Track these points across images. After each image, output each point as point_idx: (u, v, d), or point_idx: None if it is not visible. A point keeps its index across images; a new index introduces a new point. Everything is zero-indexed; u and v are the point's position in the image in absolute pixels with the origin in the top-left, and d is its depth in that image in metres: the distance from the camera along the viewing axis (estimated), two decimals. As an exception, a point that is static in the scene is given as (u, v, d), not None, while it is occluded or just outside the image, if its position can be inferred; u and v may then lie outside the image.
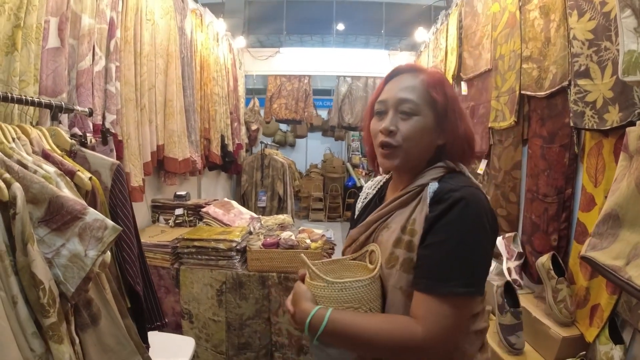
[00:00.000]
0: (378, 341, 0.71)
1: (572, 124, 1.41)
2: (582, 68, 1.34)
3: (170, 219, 2.39)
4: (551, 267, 1.49)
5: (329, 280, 0.77)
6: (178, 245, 2.05)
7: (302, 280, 0.85)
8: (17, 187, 0.81)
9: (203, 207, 2.43)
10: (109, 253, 0.91)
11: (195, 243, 2.01)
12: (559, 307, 1.42)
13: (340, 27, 7.74)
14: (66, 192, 0.87)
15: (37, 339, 0.81)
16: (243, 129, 4.15)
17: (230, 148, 3.57)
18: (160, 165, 2.41)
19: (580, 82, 1.35)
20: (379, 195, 1.00)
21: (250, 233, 2.25)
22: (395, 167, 0.85)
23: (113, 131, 1.79)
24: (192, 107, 2.73)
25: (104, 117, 1.77)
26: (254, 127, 4.33)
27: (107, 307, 0.99)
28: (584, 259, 0.91)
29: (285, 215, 2.79)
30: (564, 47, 1.50)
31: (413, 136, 0.81)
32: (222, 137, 3.39)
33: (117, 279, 1.07)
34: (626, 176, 0.85)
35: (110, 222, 0.84)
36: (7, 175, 0.83)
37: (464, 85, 2.63)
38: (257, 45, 7.66)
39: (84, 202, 0.87)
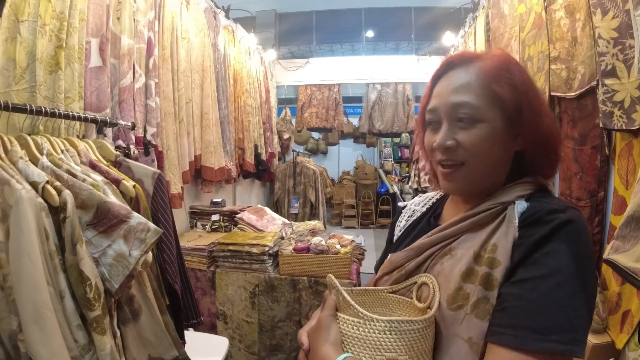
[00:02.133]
0: None
1: (601, 125, 1.39)
2: (609, 67, 1.32)
3: (207, 225, 2.51)
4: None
5: (367, 315, 0.56)
6: (214, 249, 2.16)
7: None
8: (67, 193, 0.91)
9: (237, 213, 2.53)
10: (150, 253, 0.99)
11: (230, 247, 2.11)
12: (592, 313, 1.39)
13: (370, 34, 7.80)
14: (112, 199, 0.97)
15: (81, 331, 0.88)
16: (275, 138, 4.27)
17: (264, 157, 3.69)
18: (198, 174, 2.54)
19: (608, 81, 1.33)
20: (433, 214, 0.79)
21: (282, 238, 2.32)
22: (462, 189, 0.67)
23: (154, 143, 1.92)
24: (226, 118, 2.86)
25: (145, 130, 1.90)
26: (286, 136, 4.44)
27: (147, 304, 1.07)
28: (607, 262, 0.90)
29: (316, 221, 2.85)
30: (591, 47, 1.48)
31: (479, 150, 0.63)
32: (256, 146, 3.51)
33: (157, 278, 1.16)
34: (647, 176, 0.85)
35: (152, 225, 0.93)
36: (57, 183, 0.94)
37: (494, 88, 2.61)
38: (288, 56, 7.84)
39: (128, 207, 0.97)
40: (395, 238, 0.83)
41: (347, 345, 0.57)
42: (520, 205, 0.60)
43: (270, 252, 2.10)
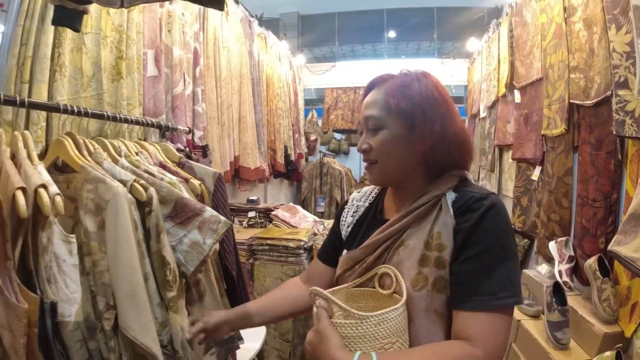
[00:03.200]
0: None
1: (614, 132, 1.50)
2: (622, 79, 1.43)
3: (243, 221, 2.71)
4: (597, 268, 1.57)
5: (362, 315, 0.66)
6: (253, 243, 2.35)
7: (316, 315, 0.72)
8: (152, 190, 1.07)
9: (272, 210, 2.73)
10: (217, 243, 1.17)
11: (268, 241, 2.30)
12: (603, 305, 1.50)
13: (392, 34, 7.86)
14: (187, 195, 1.16)
15: (160, 309, 1.03)
16: (303, 140, 4.46)
17: (293, 157, 3.89)
18: (235, 174, 2.75)
19: (621, 92, 1.44)
20: (376, 209, 0.92)
21: (315, 234, 2.50)
22: (378, 181, 0.85)
23: (201, 145, 2.12)
24: (261, 121, 3.07)
25: (193, 134, 2.11)
26: (312, 137, 4.62)
27: (210, 287, 1.24)
28: (610, 253, 1.04)
29: (343, 218, 3.01)
30: (606, 59, 1.59)
31: (383, 150, 0.80)
32: (286, 147, 3.71)
33: (217, 265, 1.34)
34: (646, 181, 0.98)
35: (222, 218, 1.10)
36: (143, 181, 1.10)
37: (517, 93, 2.71)
38: (310, 57, 7.94)
39: (201, 203, 1.15)
40: (345, 234, 0.94)
41: (348, 345, 0.66)
42: (450, 196, 0.76)
43: (305, 246, 2.28)
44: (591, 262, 1.61)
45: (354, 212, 0.95)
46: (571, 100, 1.91)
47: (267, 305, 1.01)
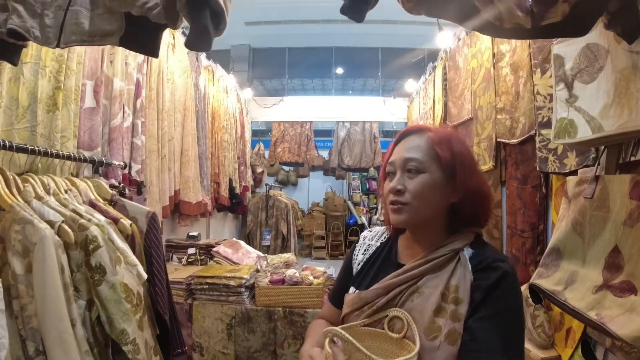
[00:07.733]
0: None
1: (538, 169, 1.63)
2: (545, 119, 1.57)
3: (183, 258, 2.57)
4: (529, 296, 1.65)
5: None
6: (192, 282, 2.22)
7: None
8: (94, 228, 1.03)
9: (214, 246, 2.62)
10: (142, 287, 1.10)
11: (208, 280, 2.18)
12: (537, 331, 1.57)
13: (340, 70, 8.22)
14: (115, 237, 1.08)
15: (88, 357, 0.97)
16: (249, 172, 4.40)
17: (238, 190, 3.81)
18: (176, 208, 2.63)
19: (544, 131, 1.58)
20: (389, 251, 0.94)
21: (258, 271, 2.42)
22: (404, 222, 0.83)
23: (138, 179, 2.02)
24: (204, 154, 2.99)
25: (130, 167, 2.00)
26: (259, 169, 4.59)
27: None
28: (532, 286, 1.10)
29: (289, 254, 2.96)
30: (531, 100, 1.74)
31: (421, 193, 0.81)
32: (230, 180, 3.63)
33: (150, 310, 1.25)
34: (565, 217, 1.06)
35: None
36: (72, 223, 1.04)
37: (452, 131, 2.89)
38: (261, 88, 8.03)
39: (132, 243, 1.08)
40: (355, 270, 0.96)
41: None
42: (468, 252, 0.80)
43: (247, 284, 2.19)
44: (523, 289, 1.69)
45: (365, 250, 0.98)
46: (498, 139, 2.06)
47: None
